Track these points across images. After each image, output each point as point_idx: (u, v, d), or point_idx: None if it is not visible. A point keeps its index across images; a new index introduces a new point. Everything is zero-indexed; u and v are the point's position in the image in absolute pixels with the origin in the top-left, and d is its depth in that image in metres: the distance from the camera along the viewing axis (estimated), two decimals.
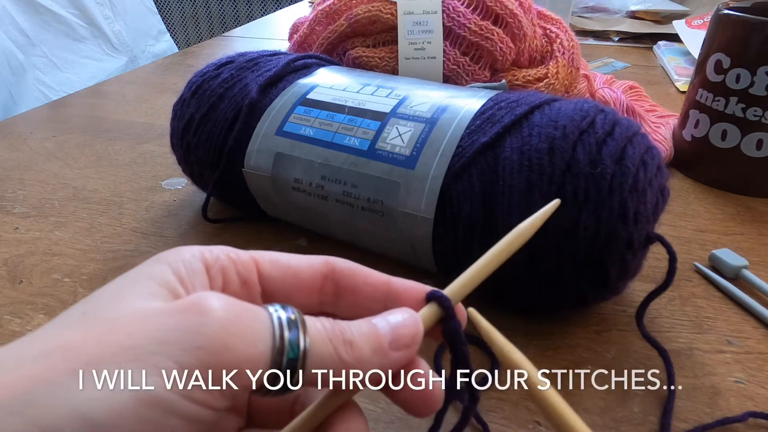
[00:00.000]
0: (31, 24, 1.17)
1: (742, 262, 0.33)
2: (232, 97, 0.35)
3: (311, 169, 0.31)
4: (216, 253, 0.18)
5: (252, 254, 0.19)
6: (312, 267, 0.19)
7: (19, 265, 0.35)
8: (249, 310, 0.15)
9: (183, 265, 0.17)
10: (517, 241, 0.19)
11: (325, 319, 0.16)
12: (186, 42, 2.18)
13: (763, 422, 0.24)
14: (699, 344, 0.29)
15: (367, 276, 0.19)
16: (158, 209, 0.41)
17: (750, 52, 0.39)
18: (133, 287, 0.16)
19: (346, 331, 0.16)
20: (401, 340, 0.17)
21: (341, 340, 0.16)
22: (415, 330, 0.17)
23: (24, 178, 0.46)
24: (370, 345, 0.16)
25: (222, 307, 0.15)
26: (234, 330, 0.14)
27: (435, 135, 0.29)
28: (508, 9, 0.42)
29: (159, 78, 0.73)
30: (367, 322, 0.17)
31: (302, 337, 0.15)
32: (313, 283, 0.19)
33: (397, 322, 0.17)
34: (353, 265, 0.19)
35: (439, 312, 0.18)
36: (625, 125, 0.27)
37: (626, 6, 0.90)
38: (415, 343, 0.17)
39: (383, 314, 0.17)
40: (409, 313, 0.18)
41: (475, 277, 0.19)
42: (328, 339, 0.16)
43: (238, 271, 0.18)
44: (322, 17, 0.47)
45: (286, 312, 0.16)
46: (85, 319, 0.15)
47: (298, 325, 0.15)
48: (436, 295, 0.18)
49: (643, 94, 0.56)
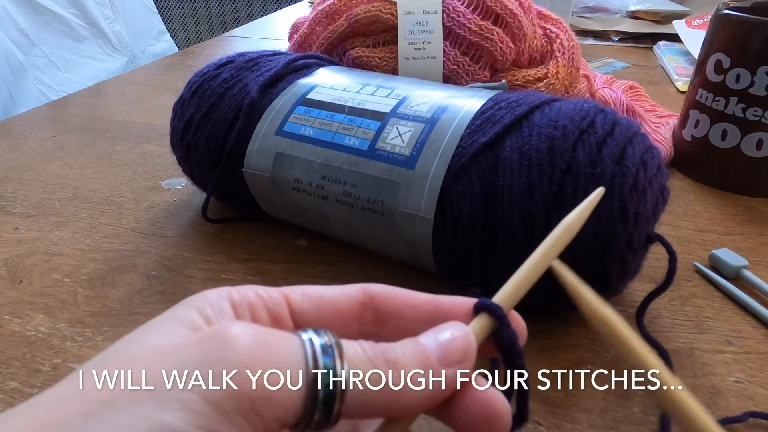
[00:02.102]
0: (31, 24, 1.17)
1: (742, 262, 0.33)
2: (232, 97, 0.35)
3: (311, 169, 0.31)
4: (243, 291, 0.17)
5: (282, 290, 0.17)
6: (347, 296, 0.18)
7: (19, 265, 0.35)
8: (277, 335, 0.14)
9: (209, 305, 0.16)
10: (565, 235, 0.18)
11: (364, 341, 0.15)
12: (186, 42, 2.18)
13: (763, 422, 0.24)
14: (699, 344, 0.29)
15: (407, 298, 0.18)
16: (158, 209, 0.41)
17: (750, 52, 0.39)
18: (154, 329, 0.15)
19: (389, 352, 0.15)
20: (452, 355, 0.15)
21: (384, 361, 0.14)
22: (465, 343, 0.16)
23: (24, 178, 0.46)
24: (418, 364, 0.15)
25: (246, 334, 0.13)
26: (261, 356, 0.13)
27: (435, 135, 0.29)
28: (508, 9, 0.42)
29: (159, 78, 0.73)
30: (412, 340, 0.16)
31: (339, 362, 0.14)
32: (351, 312, 0.18)
33: (445, 336, 0.16)
34: (392, 289, 0.18)
35: (490, 323, 0.16)
36: (625, 125, 0.27)
37: (626, 6, 0.90)
38: (469, 356, 0.16)
39: (429, 331, 0.16)
40: (457, 325, 0.16)
41: (524, 280, 0.17)
42: (368, 362, 0.14)
43: (267, 306, 0.17)
44: (322, 17, 0.47)
45: (319, 336, 0.14)
46: (101, 363, 0.14)
47: (333, 350, 0.14)
48: (485, 305, 0.17)
49: (643, 94, 0.56)
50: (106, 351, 0.14)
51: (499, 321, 0.16)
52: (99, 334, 0.30)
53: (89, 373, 0.13)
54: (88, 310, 0.31)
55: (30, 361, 0.28)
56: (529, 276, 0.17)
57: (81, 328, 0.30)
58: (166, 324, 0.15)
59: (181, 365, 0.13)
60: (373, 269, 0.34)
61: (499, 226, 0.26)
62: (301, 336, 0.14)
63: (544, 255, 0.18)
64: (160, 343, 0.14)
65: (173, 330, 0.14)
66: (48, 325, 0.30)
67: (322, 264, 0.35)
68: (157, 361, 0.13)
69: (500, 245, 0.27)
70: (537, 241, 0.26)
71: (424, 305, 0.17)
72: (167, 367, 0.13)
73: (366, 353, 0.15)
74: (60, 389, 0.13)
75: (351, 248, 0.35)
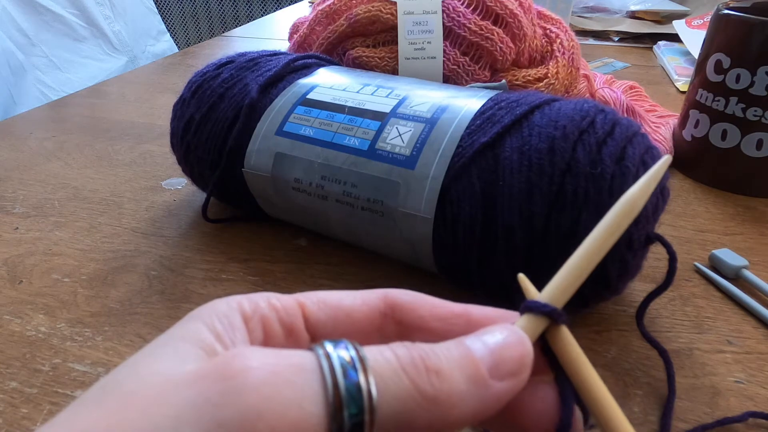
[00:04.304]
0: (31, 24, 1.17)
1: (742, 262, 0.33)
2: (232, 97, 0.35)
3: (311, 169, 0.31)
4: (255, 300, 0.15)
5: (297, 297, 0.16)
6: (367, 304, 0.16)
7: (19, 265, 0.35)
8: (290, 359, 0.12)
9: (218, 320, 0.14)
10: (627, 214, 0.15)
11: (397, 344, 0.13)
12: (186, 42, 2.18)
13: (763, 422, 0.24)
14: (699, 344, 0.29)
15: (434, 308, 0.16)
16: (158, 209, 0.41)
17: (750, 52, 0.39)
18: (161, 351, 0.13)
19: (429, 357, 0.13)
20: (505, 365, 0.13)
21: (423, 369, 0.12)
22: (522, 350, 0.13)
23: (24, 178, 0.46)
24: (464, 373, 0.13)
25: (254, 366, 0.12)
26: (270, 393, 0.11)
27: (435, 135, 0.29)
28: (508, 9, 0.42)
29: (159, 78, 0.73)
30: (458, 343, 0.13)
31: (363, 379, 0.12)
32: (370, 323, 0.16)
33: (497, 342, 0.13)
34: (417, 296, 0.16)
35: (541, 325, 0.14)
36: (625, 125, 0.27)
37: (626, 6, 0.90)
38: (524, 368, 0.13)
39: (476, 333, 0.14)
40: (510, 329, 0.14)
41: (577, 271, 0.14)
42: (402, 371, 0.12)
43: (280, 318, 0.15)
44: (322, 17, 0.47)
45: (337, 349, 0.12)
46: (101, 396, 0.12)
47: (356, 364, 0.12)
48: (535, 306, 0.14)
49: (643, 94, 0.56)
50: (107, 379, 0.13)
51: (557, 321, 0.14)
52: (99, 334, 0.30)
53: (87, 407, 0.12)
54: (88, 310, 0.31)
55: (30, 361, 0.28)
56: (583, 266, 0.15)
57: (81, 328, 0.30)
58: (173, 343, 0.13)
59: (178, 411, 0.11)
60: (373, 269, 0.34)
61: (499, 226, 0.26)
62: (317, 353, 0.13)
63: (603, 238, 0.15)
64: (164, 373, 0.13)
65: (181, 352, 0.13)
66: (48, 325, 0.30)
67: (322, 264, 0.35)
68: (155, 402, 0.12)
69: (500, 245, 0.27)
70: (537, 241, 0.26)
71: (453, 318, 0.15)
72: (164, 411, 0.11)
73: (399, 361, 0.12)
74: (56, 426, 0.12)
75: (351, 248, 0.35)
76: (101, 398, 0.12)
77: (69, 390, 0.26)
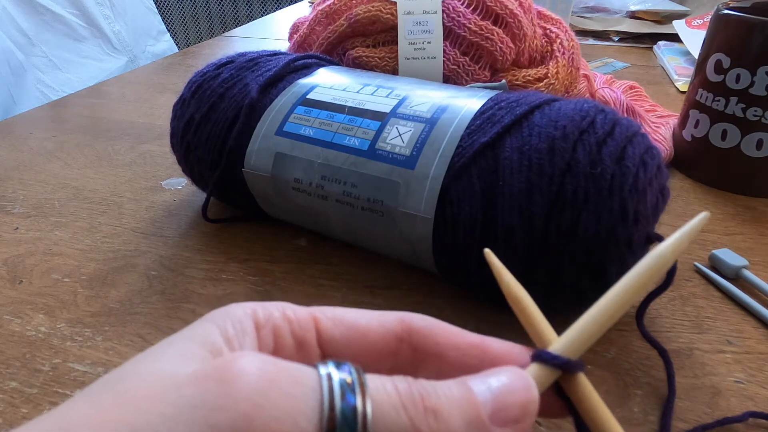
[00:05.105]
0: (31, 24, 1.17)
1: (742, 262, 0.33)
2: (232, 97, 0.35)
3: (311, 169, 0.31)
4: (270, 310, 0.15)
5: (312, 311, 0.16)
6: (384, 326, 0.16)
7: (19, 265, 0.35)
8: (290, 371, 0.12)
9: (231, 324, 0.14)
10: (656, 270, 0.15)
11: (400, 378, 0.13)
12: (186, 42, 2.18)
13: (763, 422, 0.24)
14: (699, 344, 0.29)
15: (452, 336, 0.16)
16: (158, 209, 0.41)
17: (750, 52, 0.39)
18: (166, 350, 0.13)
19: (430, 395, 0.12)
20: (508, 411, 0.13)
21: (421, 407, 0.12)
22: (526, 397, 0.13)
23: (24, 178, 0.46)
24: (463, 416, 0.12)
25: (253, 372, 0.12)
26: (265, 401, 0.11)
27: (435, 135, 0.29)
28: (508, 9, 0.42)
29: (159, 78, 0.73)
30: (460, 383, 0.13)
31: (361, 406, 0.12)
32: (385, 346, 0.15)
33: (502, 385, 0.13)
34: (435, 324, 0.16)
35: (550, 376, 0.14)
36: (625, 125, 0.27)
37: (626, 6, 0.90)
38: (528, 415, 0.13)
39: (481, 374, 0.14)
40: (518, 374, 0.14)
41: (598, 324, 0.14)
42: (401, 406, 0.12)
43: (293, 330, 0.15)
44: (322, 17, 0.47)
45: (340, 371, 0.12)
46: (100, 392, 0.13)
47: (355, 389, 0.12)
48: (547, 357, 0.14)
49: (643, 94, 0.56)
50: (109, 375, 0.13)
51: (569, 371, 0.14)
52: (99, 334, 0.30)
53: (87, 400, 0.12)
54: (88, 310, 0.31)
55: (30, 361, 0.28)
56: (604, 319, 0.14)
57: (81, 328, 0.30)
58: (180, 343, 0.13)
59: (174, 411, 0.11)
60: (373, 269, 0.34)
61: (499, 226, 0.26)
62: (319, 371, 0.12)
63: (629, 293, 0.14)
64: (166, 371, 0.12)
65: (186, 352, 0.13)
66: (48, 325, 0.30)
67: (322, 264, 0.35)
68: (153, 400, 0.12)
69: (500, 245, 0.27)
70: (537, 241, 0.26)
71: (470, 349, 0.15)
72: (160, 410, 0.11)
73: (399, 395, 0.12)
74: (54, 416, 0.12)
75: (351, 248, 0.35)
76: (100, 393, 0.12)
77: (69, 390, 0.26)
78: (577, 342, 0.14)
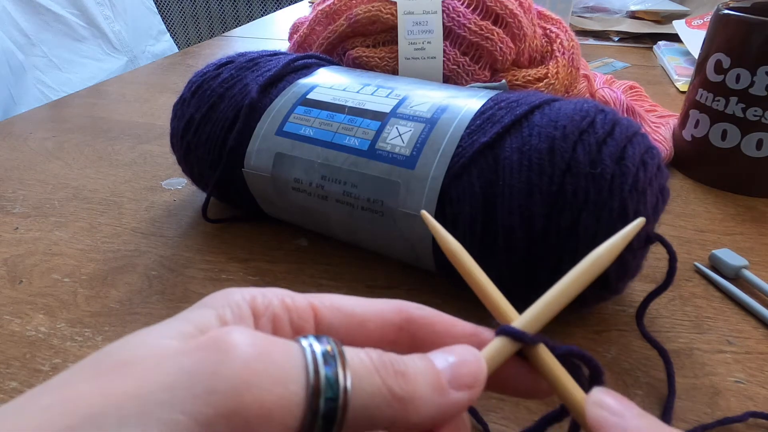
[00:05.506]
0: (31, 24, 1.17)
1: (742, 262, 0.33)
2: (232, 97, 0.35)
3: (311, 169, 0.31)
4: (269, 297, 0.16)
5: (310, 299, 0.16)
6: (382, 315, 0.17)
7: (19, 265, 0.35)
8: (278, 343, 0.13)
9: (230, 309, 0.15)
10: (594, 268, 0.18)
11: (371, 349, 0.14)
12: (186, 42, 2.18)
13: (763, 422, 0.24)
14: (699, 344, 0.29)
15: (448, 326, 0.17)
16: (158, 209, 0.41)
17: (750, 52, 0.39)
18: (162, 327, 0.14)
19: (398, 362, 0.14)
20: (462, 378, 0.15)
21: (392, 371, 0.14)
22: (477, 368, 0.15)
23: (24, 178, 0.46)
24: (427, 380, 0.14)
25: (246, 343, 0.13)
26: (259, 368, 0.12)
27: (435, 135, 0.29)
28: (508, 9, 0.42)
29: (159, 78, 0.73)
30: (422, 356, 0.15)
31: (341, 372, 0.13)
32: (383, 335, 0.17)
33: (456, 359, 0.15)
34: (432, 313, 0.17)
35: (508, 347, 0.16)
36: (625, 125, 0.27)
37: (626, 6, 0.90)
38: (478, 382, 0.15)
39: (439, 351, 0.16)
40: (470, 350, 0.16)
41: (548, 307, 0.17)
42: (374, 371, 0.14)
43: (291, 319, 0.16)
44: (322, 17, 0.47)
45: (320, 344, 0.14)
46: (97, 364, 0.13)
47: (336, 358, 0.13)
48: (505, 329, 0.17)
49: (643, 94, 0.56)
50: (97, 353, 0.14)
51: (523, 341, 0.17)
52: (99, 334, 0.30)
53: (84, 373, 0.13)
54: (88, 310, 0.31)
55: (30, 361, 0.28)
56: (552, 304, 0.17)
57: (81, 328, 0.30)
58: (177, 322, 0.14)
59: (173, 378, 0.12)
60: (373, 269, 0.34)
61: (499, 226, 0.26)
62: (301, 343, 0.14)
63: (569, 286, 0.17)
64: (160, 345, 0.13)
65: (182, 330, 0.14)
66: (48, 325, 0.30)
67: (322, 264, 0.35)
68: (151, 370, 0.12)
69: (500, 245, 0.27)
70: (537, 241, 0.26)
71: (465, 338, 0.17)
72: (159, 379, 0.12)
73: (372, 362, 0.14)
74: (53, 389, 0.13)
75: (351, 248, 0.35)
76: (95, 368, 0.13)
77: None
78: (534, 320, 0.17)
